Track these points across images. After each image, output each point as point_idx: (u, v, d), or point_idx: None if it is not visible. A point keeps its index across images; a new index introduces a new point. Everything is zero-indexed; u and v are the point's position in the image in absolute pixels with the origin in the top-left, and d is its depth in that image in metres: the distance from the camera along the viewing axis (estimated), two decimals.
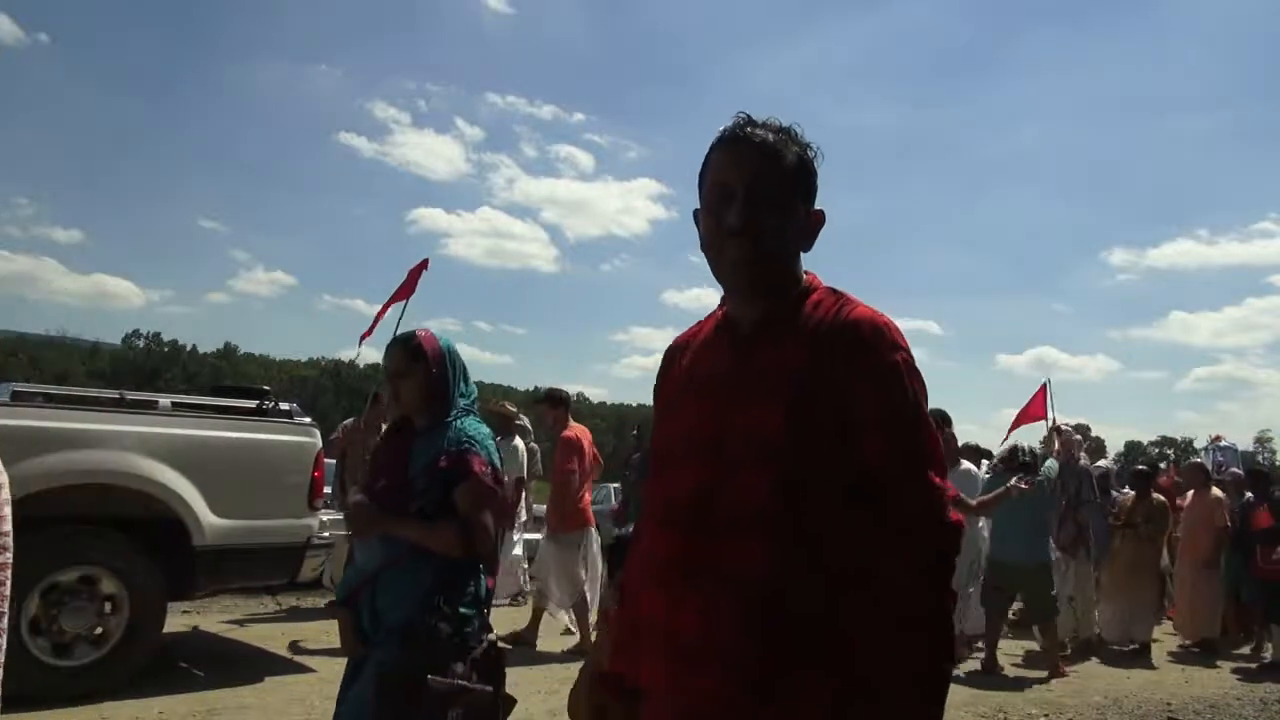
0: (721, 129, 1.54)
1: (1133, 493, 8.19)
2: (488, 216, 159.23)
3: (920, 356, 1.43)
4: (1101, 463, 9.88)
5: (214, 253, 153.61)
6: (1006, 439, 8.49)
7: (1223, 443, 11.22)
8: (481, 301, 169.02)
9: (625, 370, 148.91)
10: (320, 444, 5.55)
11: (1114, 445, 43.04)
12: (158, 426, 4.97)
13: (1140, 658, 7.44)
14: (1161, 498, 8.07)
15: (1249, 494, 7.98)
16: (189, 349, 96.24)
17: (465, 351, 2.67)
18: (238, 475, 5.13)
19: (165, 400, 5.34)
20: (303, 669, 5.54)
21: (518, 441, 7.66)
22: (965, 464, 7.21)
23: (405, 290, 7.71)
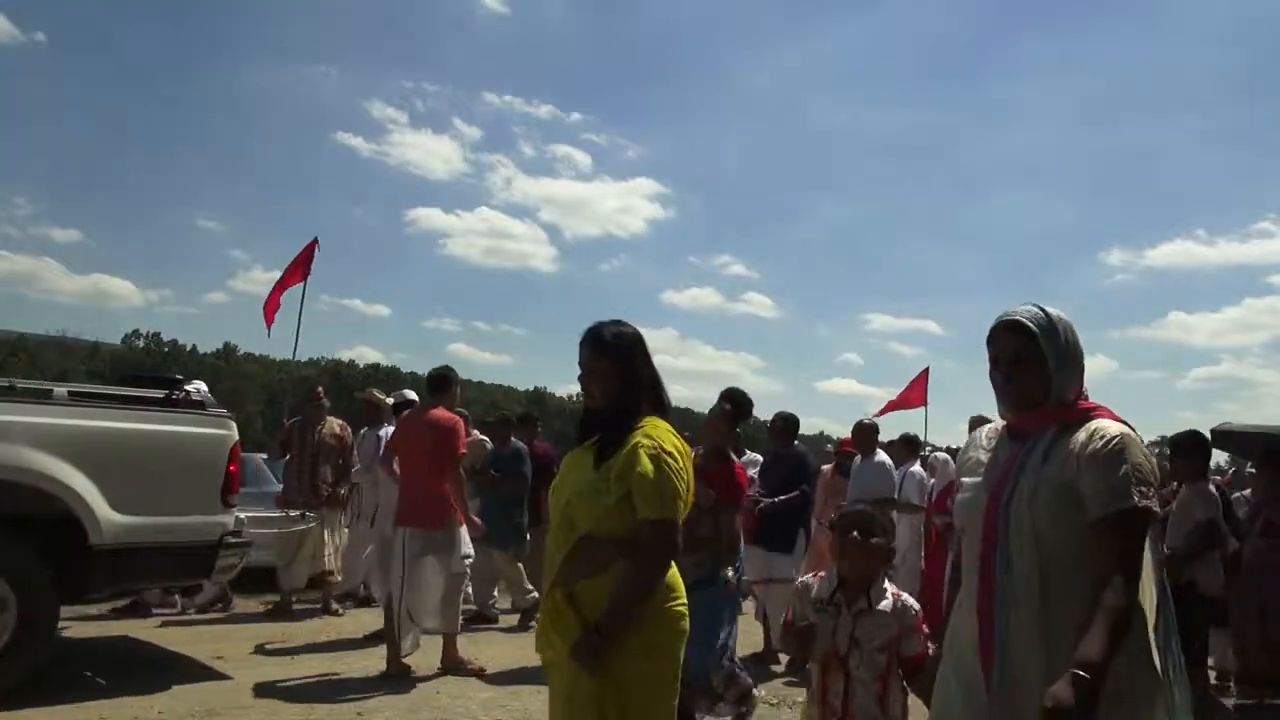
0: None
1: None
2: (486, 216, 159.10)
3: (920, 356, 1.14)
4: None
5: (213, 253, 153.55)
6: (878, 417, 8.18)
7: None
8: (480, 301, 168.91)
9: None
10: (236, 437, 5.24)
11: None
12: (51, 417, 4.66)
13: None
14: None
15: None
16: (189, 349, 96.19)
17: (464, 352, 2.54)
18: (142, 469, 4.82)
19: (61, 389, 5.02)
20: (220, 675, 5.26)
21: (385, 431, 7.21)
22: (881, 455, 7.03)
23: (300, 272, 7.52)
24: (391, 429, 6.78)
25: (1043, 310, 1.98)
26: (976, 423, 7.07)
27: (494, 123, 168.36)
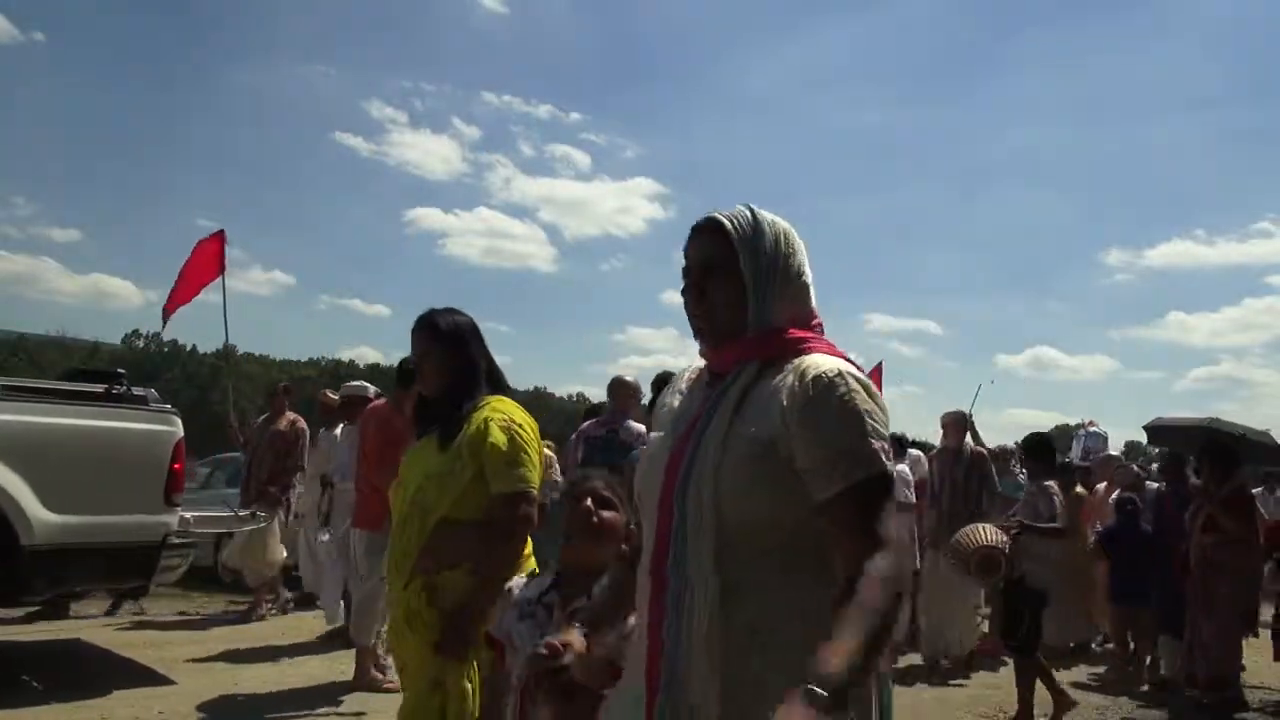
0: None
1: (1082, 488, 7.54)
2: (485, 216, 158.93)
3: (920, 356, 0.94)
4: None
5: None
6: None
7: (1094, 428, 10.59)
8: (480, 301, 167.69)
9: (624, 370, 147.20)
10: (180, 433, 5.04)
11: (1114, 445, 42.28)
12: None
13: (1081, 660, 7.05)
14: (1083, 491, 7.44)
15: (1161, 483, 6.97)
16: (189, 349, 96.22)
17: None
18: (79, 467, 4.62)
19: None
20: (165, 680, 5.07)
21: (338, 432, 6.86)
22: None
23: (214, 268, 7.42)
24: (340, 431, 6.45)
25: (750, 210, 1.49)
26: (950, 420, 6.79)
27: (493, 122, 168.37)
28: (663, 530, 1.39)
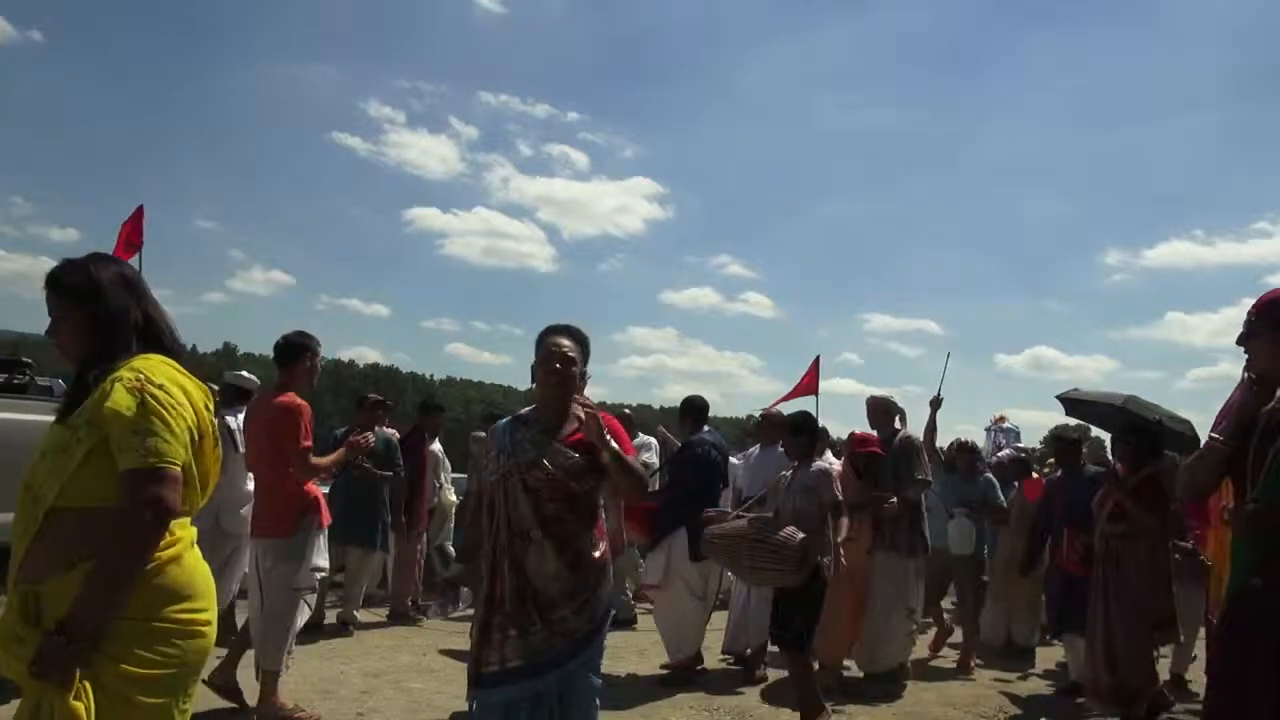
0: None
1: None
2: (484, 216, 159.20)
3: (920, 356, 1.13)
4: (1005, 452, 8.50)
5: (211, 252, 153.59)
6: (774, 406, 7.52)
7: (1005, 424, 10.60)
8: (479, 301, 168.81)
9: (624, 370, 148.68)
10: None
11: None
12: None
13: (1024, 661, 6.75)
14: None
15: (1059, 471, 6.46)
16: (189, 349, 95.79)
17: (464, 351, 2.47)
18: None
19: None
20: None
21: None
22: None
23: (136, 241, 7.47)
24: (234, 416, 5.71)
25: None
26: (874, 405, 6.06)
27: (491, 122, 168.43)
28: None
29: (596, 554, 2.89)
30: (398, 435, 7.37)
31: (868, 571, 5.72)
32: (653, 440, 7.36)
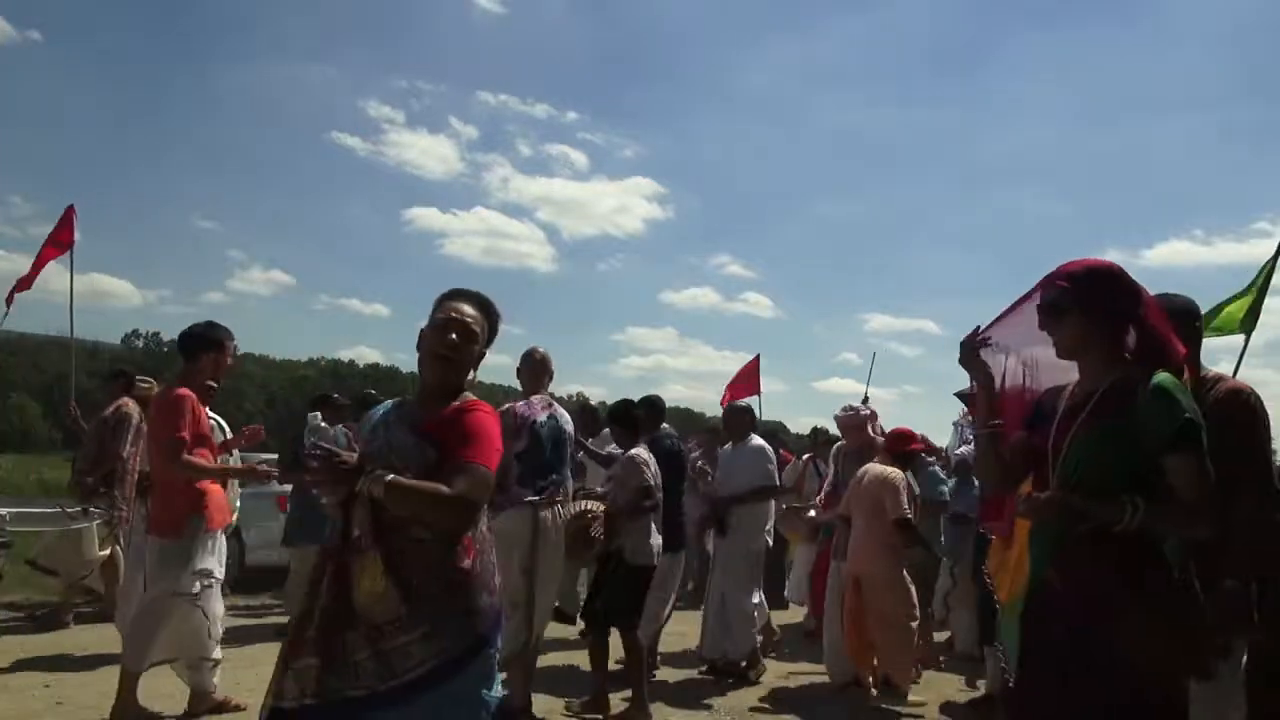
0: None
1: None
2: (483, 216, 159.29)
3: (919, 356, 1.14)
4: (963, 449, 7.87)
5: (211, 252, 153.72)
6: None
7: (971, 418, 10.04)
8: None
9: (623, 370, 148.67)
10: None
11: None
12: None
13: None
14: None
15: None
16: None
17: None
18: None
19: None
20: None
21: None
22: (756, 439, 6.25)
23: (65, 239, 7.44)
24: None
25: None
26: (846, 423, 6.01)
27: (490, 122, 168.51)
28: None
29: (462, 566, 2.28)
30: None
31: (834, 581, 5.65)
32: None
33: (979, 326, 2.45)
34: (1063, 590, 2.15)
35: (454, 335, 2.36)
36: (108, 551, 6.41)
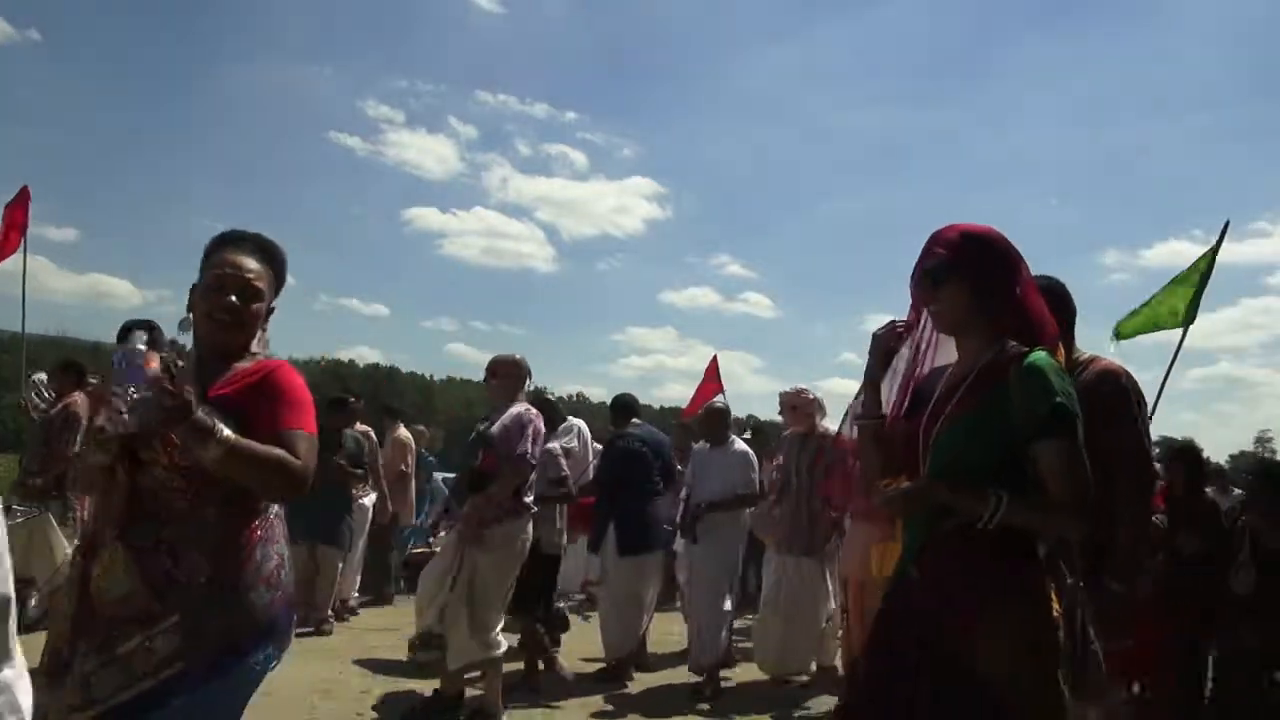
0: None
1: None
2: (483, 216, 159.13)
3: None
4: None
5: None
6: (690, 416, 7.29)
7: None
8: (479, 301, 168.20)
9: (623, 370, 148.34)
10: None
11: None
12: None
13: None
14: None
15: None
16: (189, 348, 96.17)
17: (464, 352, 2.20)
18: None
19: None
20: None
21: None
22: (738, 443, 6.01)
23: (19, 220, 7.45)
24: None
25: None
26: (791, 402, 5.70)
27: (489, 122, 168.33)
28: None
29: (240, 556, 1.95)
30: (371, 432, 7.69)
31: (779, 576, 5.64)
32: (577, 424, 6.66)
33: (894, 321, 2.21)
34: (922, 588, 1.96)
35: (233, 297, 2.04)
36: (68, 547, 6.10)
